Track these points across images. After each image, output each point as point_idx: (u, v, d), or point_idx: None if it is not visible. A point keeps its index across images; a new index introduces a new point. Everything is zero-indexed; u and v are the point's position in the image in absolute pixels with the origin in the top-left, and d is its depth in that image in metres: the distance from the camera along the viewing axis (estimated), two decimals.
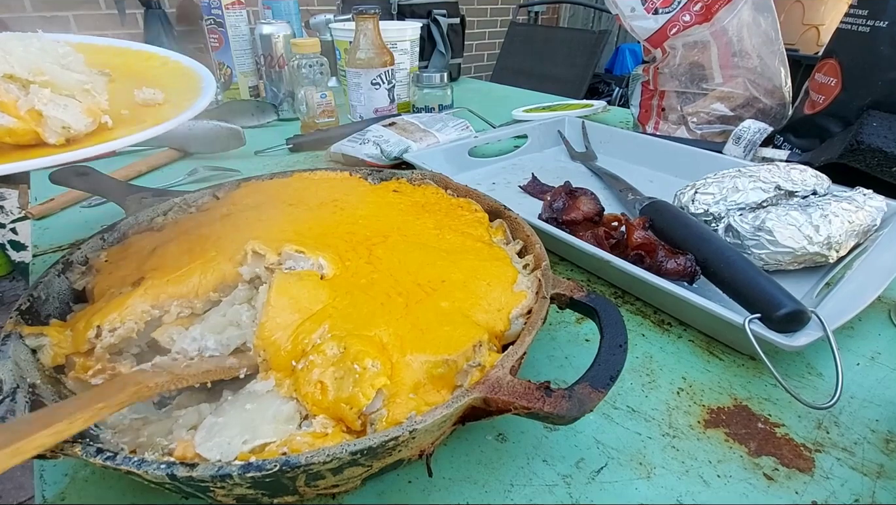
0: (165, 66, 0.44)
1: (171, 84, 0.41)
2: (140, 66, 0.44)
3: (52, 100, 0.31)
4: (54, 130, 0.31)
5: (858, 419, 0.32)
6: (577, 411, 0.25)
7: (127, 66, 0.44)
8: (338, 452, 0.21)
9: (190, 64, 0.44)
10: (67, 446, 0.22)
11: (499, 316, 0.31)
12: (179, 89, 0.40)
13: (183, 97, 0.38)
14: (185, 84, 0.41)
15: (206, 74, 0.42)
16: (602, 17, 3.20)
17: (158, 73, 0.43)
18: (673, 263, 0.42)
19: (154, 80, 0.42)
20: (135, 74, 0.43)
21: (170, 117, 0.34)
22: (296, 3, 1.07)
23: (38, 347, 0.29)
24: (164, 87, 0.40)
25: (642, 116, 0.90)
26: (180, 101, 0.37)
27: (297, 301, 0.30)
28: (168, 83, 0.41)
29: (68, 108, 0.31)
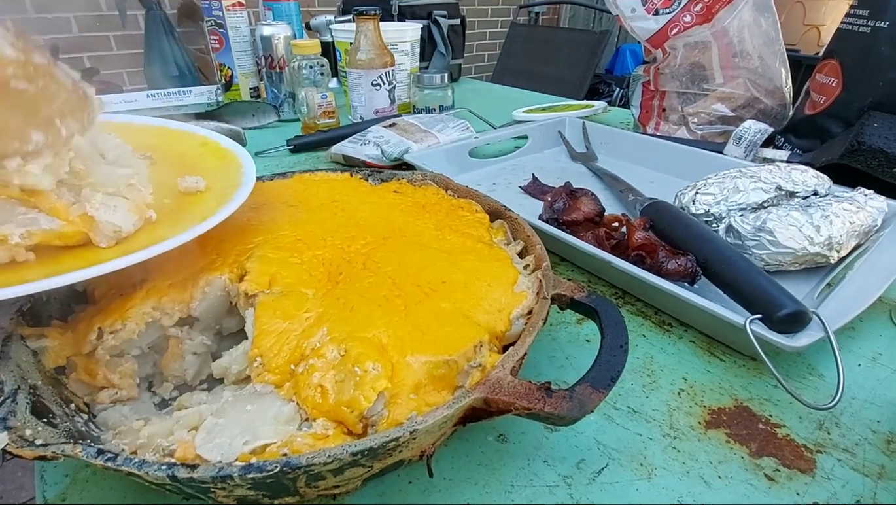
0: (205, 146, 0.44)
1: (211, 169, 0.40)
2: (180, 148, 0.44)
3: (103, 203, 0.30)
4: (106, 235, 0.30)
5: (860, 420, 0.32)
6: (578, 412, 0.25)
7: (166, 147, 0.43)
8: (339, 453, 0.21)
9: (228, 146, 0.44)
10: (68, 448, 0.22)
11: (499, 317, 0.31)
12: (220, 175, 0.39)
13: (224, 184, 0.37)
14: (225, 168, 0.40)
15: (245, 159, 0.41)
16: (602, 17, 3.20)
17: (198, 156, 0.43)
18: (674, 264, 0.42)
19: (194, 163, 0.41)
20: (175, 157, 0.42)
21: (213, 209, 0.33)
22: (296, 5, 1.07)
23: (39, 349, 0.29)
24: (205, 171, 0.39)
25: (643, 117, 0.90)
26: (222, 190, 0.36)
27: (285, 311, 0.30)
28: (208, 167, 0.41)
29: (118, 209, 0.30)
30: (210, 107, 0.91)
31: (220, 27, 0.98)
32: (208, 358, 0.33)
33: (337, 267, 0.34)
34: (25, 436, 0.23)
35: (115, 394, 0.30)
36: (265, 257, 0.34)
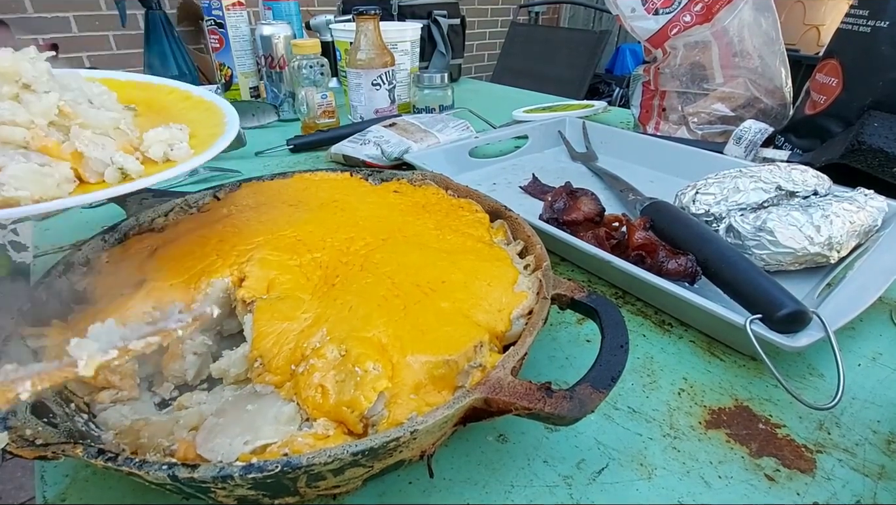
0: (188, 100, 0.45)
1: (194, 119, 0.41)
2: (163, 100, 0.45)
3: (91, 140, 0.32)
4: (95, 170, 0.32)
5: (860, 420, 0.32)
6: (578, 412, 0.25)
7: (150, 100, 0.44)
8: (339, 453, 0.21)
9: (212, 99, 0.44)
10: (69, 448, 0.22)
11: (500, 316, 0.31)
12: (203, 124, 0.40)
13: (208, 132, 0.39)
14: (209, 119, 0.41)
15: (228, 109, 0.42)
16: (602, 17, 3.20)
17: (181, 108, 0.44)
18: (674, 264, 0.42)
19: (178, 114, 0.42)
20: (159, 109, 0.43)
21: (197, 153, 0.35)
22: (296, 4, 1.07)
23: (39, 348, 0.29)
24: (189, 121, 0.40)
25: (643, 117, 0.90)
26: (206, 137, 0.38)
27: (283, 313, 0.30)
28: (192, 118, 0.41)
29: (106, 148, 0.32)
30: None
31: (220, 27, 0.98)
32: (209, 358, 0.33)
33: (334, 270, 0.34)
34: (25, 436, 0.23)
35: (115, 394, 0.30)
36: (264, 260, 0.34)
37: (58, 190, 0.29)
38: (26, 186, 0.28)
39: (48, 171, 0.29)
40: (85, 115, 0.33)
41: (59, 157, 0.31)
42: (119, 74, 0.47)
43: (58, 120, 0.32)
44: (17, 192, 0.27)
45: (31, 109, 0.30)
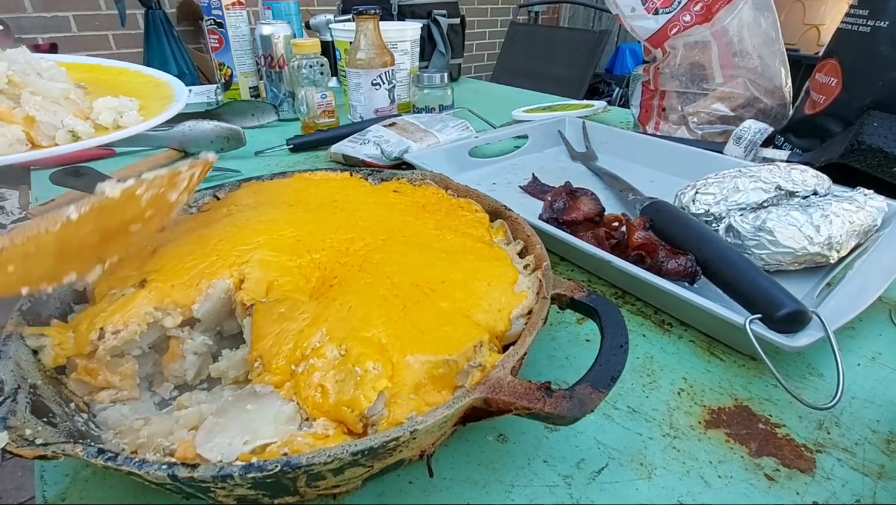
0: (138, 78, 0.48)
1: (145, 94, 0.44)
2: (113, 80, 0.47)
3: (42, 106, 0.34)
4: (47, 134, 0.34)
5: (859, 420, 0.32)
6: (578, 412, 0.25)
7: (100, 80, 0.46)
8: (339, 453, 0.21)
9: (162, 77, 0.47)
10: (69, 447, 0.22)
11: (499, 316, 0.31)
12: (154, 98, 0.43)
13: (159, 104, 0.41)
14: (159, 94, 0.44)
15: (177, 85, 0.45)
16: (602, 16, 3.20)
17: (132, 86, 0.46)
18: (673, 264, 0.42)
19: (129, 91, 0.44)
20: (109, 87, 0.45)
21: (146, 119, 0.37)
22: (296, 4, 1.07)
23: (38, 348, 0.29)
24: (139, 96, 0.42)
25: (643, 116, 0.90)
26: (156, 108, 0.40)
27: (282, 315, 0.30)
28: (142, 93, 0.44)
29: (57, 114, 0.34)
30: (209, 106, 0.91)
31: (220, 26, 0.98)
32: (208, 358, 0.33)
33: (332, 271, 0.34)
34: (25, 435, 0.23)
35: (115, 394, 0.30)
36: (264, 261, 0.34)
37: (10, 149, 0.32)
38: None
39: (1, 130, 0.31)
40: (34, 85, 0.35)
41: (10, 121, 0.32)
42: (65, 57, 0.49)
43: (7, 89, 0.34)
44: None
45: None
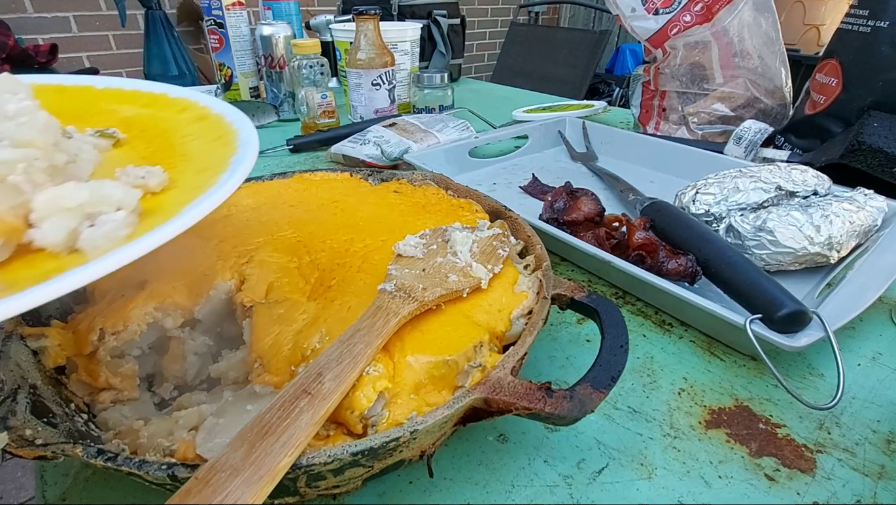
0: (203, 120, 0.33)
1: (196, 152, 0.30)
2: (169, 121, 0.33)
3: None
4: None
5: (860, 420, 0.32)
6: (579, 412, 0.25)
7: (153, 119, 0.33)
8: (339, 453, 0.21)
9: (232, 119, 0.32)
10: (69, 448, 0.22)
11: (499, 316, 0.31)
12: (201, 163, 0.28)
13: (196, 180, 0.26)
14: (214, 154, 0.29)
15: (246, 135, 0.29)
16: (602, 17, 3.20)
17: (187, 134, 0.32)
18: (674, 264, 0.42)
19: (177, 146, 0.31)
20: (157, 133, 0.32)
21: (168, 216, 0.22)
22: (296, 4, 1.07)
23: (39, 348, 0.29)
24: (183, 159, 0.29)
25: (643, 117, 0.90)
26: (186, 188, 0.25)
27: (281, 316, 0.30)
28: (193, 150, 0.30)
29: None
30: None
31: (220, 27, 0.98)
32: (209, 358, 0.33)
33: (331, 272, 0.34)
34: (25, 436, 0.23)
35: (115, 394, 0.30)
36: (264, 262, 0.34)
37: None
38: None
39: None
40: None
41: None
42: (126, 83, 0.37)
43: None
44: None
45: None
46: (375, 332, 0.27)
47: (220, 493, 0.19)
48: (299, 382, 0.23)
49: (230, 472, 0.19)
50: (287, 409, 0.22)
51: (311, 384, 0.23)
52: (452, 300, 0.31)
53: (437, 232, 0.36)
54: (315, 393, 0.23)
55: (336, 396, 0.23)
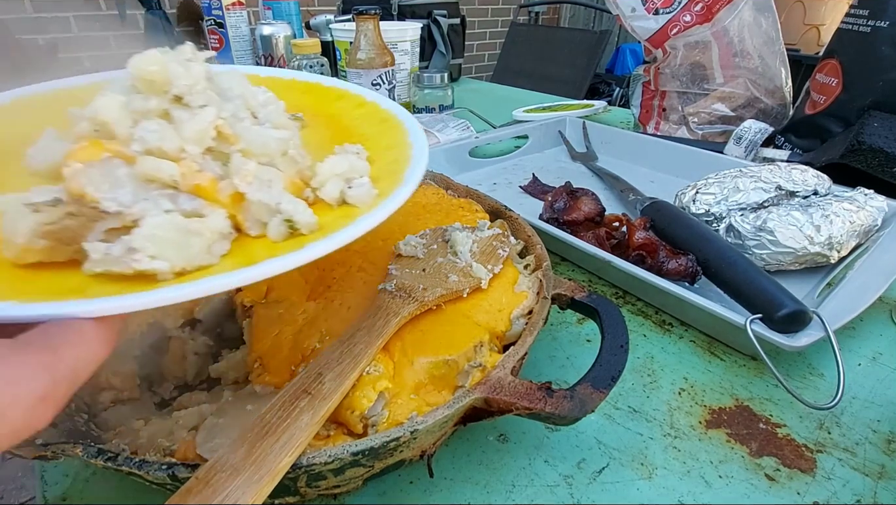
0: (361, 108, 0.35)
1: (371, 136, 0.32)
2: (331, 108, 0.35)
3: (257, 176, 0.23)
4: (256, 220, 0.23)
5: (860, 420, 0.32)
6: (579, 412, 0.25)
7: (317, 106, 0.35)
8: (339, 453, 0.21)
9: (388, 107, 0.35)
10: (69, 448, 0.22)
11: (500, 316, 0.31)
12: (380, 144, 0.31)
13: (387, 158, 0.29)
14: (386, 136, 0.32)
15: (410, 123, 0.32)
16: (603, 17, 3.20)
17: (353, 119, 0.34)
18: (674, 264, 0.42)
19: (350, 127, 0.33)
20: (328, 119, 0.34)
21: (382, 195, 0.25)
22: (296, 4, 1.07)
23: None
24: (363, 138, 0.31)
25: (643, 117, 0.90)
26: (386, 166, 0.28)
27: (280, 316, 0.30)
28: (365, 133, 0.32)
29: (273, 185, 0.23)
30: None
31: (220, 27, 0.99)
32: (209, 358, 0.33)
33: (331, 272, 0.34)
34: None
35: (115, 394, 0.30)
36: None
37: (207, 255, 0.21)
38: (166, 252, 0.19)
39: (196, 225, 0.21)
40: (247, 138, 0.24)
41: (213, 201, 0.22)
42: (282, 73, 0.38)
43: (214, 145, 0.23)
44: (154, 262, 0.19)
45: (183, 132, 0.22)
46: (376, 332, 0.27)
47: (220, 493, 0.19)
48: (299, 382, 0.23)
49: (230, 472, 0.19)
50: (287, 409, 0.22)
51: (312, 384, 0.23)
52: (453, 300, 0.31)
53: (437, 232, 0.36)
54: (315, 393, 0.23)
55: (336, 396, 0.23)
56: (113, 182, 0.20)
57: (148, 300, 0.18)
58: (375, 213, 0.23)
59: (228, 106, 0.25)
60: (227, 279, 0.19)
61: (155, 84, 0.23)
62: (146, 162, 0.21)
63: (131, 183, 0.21)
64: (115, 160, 0.21)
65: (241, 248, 0.23)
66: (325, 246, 0.21)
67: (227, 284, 0.19)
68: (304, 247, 0.21)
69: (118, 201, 0.20)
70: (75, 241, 0.20)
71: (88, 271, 0.20)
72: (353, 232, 0.22)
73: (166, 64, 0.23)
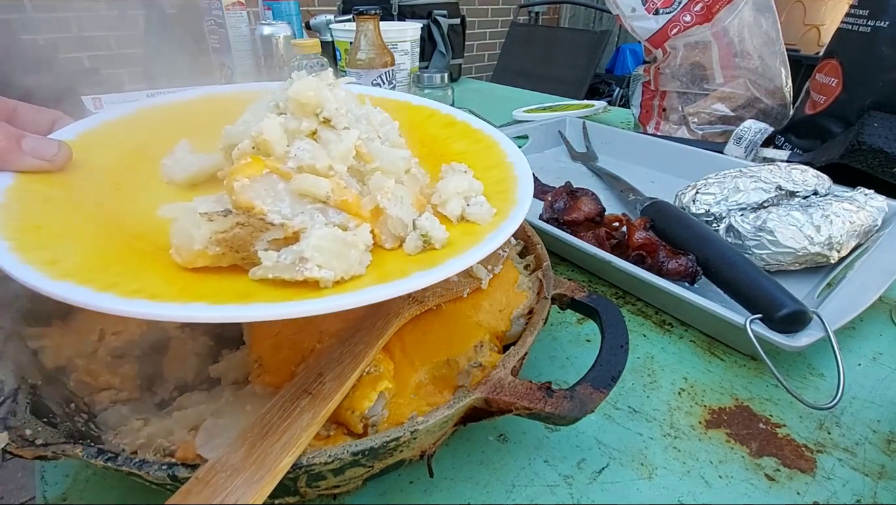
0: (451, 127, 0.37)
1: (468, 155, 0.33)
2: (423, 127, 0.37)
3: (394, 193, 0.25)
4: (393, 234, 0.25)
5: (860, 420, 0.32)
6: (579, 412, 0.25)
7: (412, 125, 0.35)
8: (339, 453, 0.21)
9: (480, 126, 0.36)
10: (69, 448, 0.22)
11: (500, 316, 0.31)
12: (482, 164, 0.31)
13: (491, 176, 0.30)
14: (484, 156, 0.33)
15: (505, 143, 0.33)
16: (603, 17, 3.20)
17: (448, 138, 0.36)
18: (674, 264, 0.42)
19: (449, 148, 0.34)
20: (423, 138, 0.35)
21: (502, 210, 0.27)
22: (296, 4, 1.07)
23: (39, 348, 0.29)
24: (463, 158, 0.32)
25: (643, 117, 0.90)
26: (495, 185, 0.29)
27: None
28: (465, 153, 0.33)
29: (404, 202, 0.25)
30: None
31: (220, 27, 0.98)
32: (208, 359, 0.33)
33: None
34: (26, 435, 0.23)
35: (115, 394, 0.30)
36: None
37: (359, 266, 0.22)
38: (331, 262, 0.21)
39: (350, 238, 0.22)
40: (381, 157, 0.26)
41: (357, 217, 0.24)
42: (371, 90, 0.39)
43: (354, 164, 0.25)
44: (321, 271, 0.21)
45: (331, 152, 0.24)
46: (376, 332, 0.27)
47: (220, 493, 0.19)
48: (299, 383, 0.23)
49: (230, 472, 0.19)
50: (287, 409, 0.22)
51: (312, 384, 0.23)
52: (453, 300, 0.31)
53: None
54: (315, 393, 0.23)
55: (336, 396, 0.23)
56: (275, 196, 0.23)
57: (321, 307, 0.20)
58: (501, 232, 0.25)
59: (361, 126, 0.27)
60: (385, 290, 0.21)
61: (307, 107, 0.25)
62: (305, 179, 0.23)
63: (289, 197, 0.23)
64: (274, 176, 0.23)
65: (379, 260, 0.24)
66: (463, 262, 0.23)
67: (385, 294, 0.21)
68: (445, 263, 0.23)
69: (282, 214, 0.22)
70: (244, 249, 0.22)
71: (257, 276, 0.21)
72: (486, 249, 0.24)
73: (319, 88, 0.25)
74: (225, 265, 0.23)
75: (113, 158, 0.29)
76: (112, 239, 0.23)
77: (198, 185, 0.28)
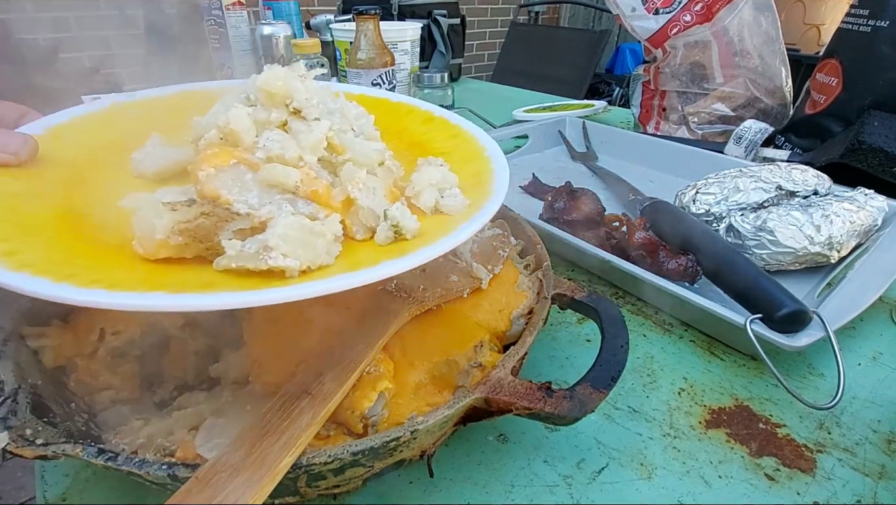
0: (429, 122, 0.37)
1: (446, 150, 0.33)
2: (401, 123, 0.37)
3: (365, 184, 0.25)
4: (364, 225, 0.25)
5: (860, 420, 0.32)
6: (579, 412, 0.25)
7: (387, 120, 0.36)
8: (339, 453, 0.21)
9: (458, 122, 0.36)
10: (69, 448, 0.22)
11: (500, 316, 0.31)
12: (457, 158, 0.32)
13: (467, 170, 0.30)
14: (462, 150, 0.33)
15: (485, 140, 0.33)
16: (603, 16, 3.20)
17: (425, 133, 0.36)
18: (674, 264, 0.42)
19: (427, 143, 0.35)
20: (400, 133, 0.36)
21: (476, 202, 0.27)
22: (296, 4, 1.07)
23: (39, 348, 0.29)
24: (440, 153, 0.32)
25: (643, 116, 0.90)
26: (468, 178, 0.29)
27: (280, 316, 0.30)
28: (442, 148, 0.33)
29: (376, 193, 0.25)
30: None
31: (220, 27, 0.98)
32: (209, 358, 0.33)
33: None
34: (26, 435, 0.23)
35: (115, 394, 0.30)
36: None
37: (326, 256, 0.22)
38: (296, 251, 0.21)
39: (318, 227, 0.22)
40: (353, 149, 0.26)
41: (327, 207, 0.24)
42: (351, 88, 0.39)
43: (325, 155, 0.25)
44: (286, 259, 0.21)
45: (301, 142, 0.24)
46: (376, 332, 0.27)
47: (220, 493, 0.19)
48: (299, 383, 0.23)
49: (230, 472, 0.19)
50: (287, 409, 0.22)
51: (312, 384, 0.23)
52: (453, 300, 0.31)
53: None
54: (315, 393, 0.23)
55: (336, 396, 0.23)
56: (241, 186, 0.22)
57: (283, 295, 0.19)
58: (473, 223, 0.25)
59: (335, 119, 0.27)
60: (351, 279, 0.21)
61: (276, 97, 0.25)
62: (273, 169, 0.23)
63: (256, 187, 0.23)
64: (241, 166, 0.23)
65: (349, 250, 0.24)
66: (433, 251, 0.23)
67: (352, 283, 0.20)
68: (416, 252, 0.23)
69: (248, 204, 0.22)
70: (208, 239, 0.22)
71: (221, 266, 0.21)
72: (458, 239, 0.23)
73: (289, 79, 0.25)
74: (189, 256, 0.22)
75: (83, 153, 0.29)
76: (76, 231, 0.23)
77: (168, 178, 0.28)
